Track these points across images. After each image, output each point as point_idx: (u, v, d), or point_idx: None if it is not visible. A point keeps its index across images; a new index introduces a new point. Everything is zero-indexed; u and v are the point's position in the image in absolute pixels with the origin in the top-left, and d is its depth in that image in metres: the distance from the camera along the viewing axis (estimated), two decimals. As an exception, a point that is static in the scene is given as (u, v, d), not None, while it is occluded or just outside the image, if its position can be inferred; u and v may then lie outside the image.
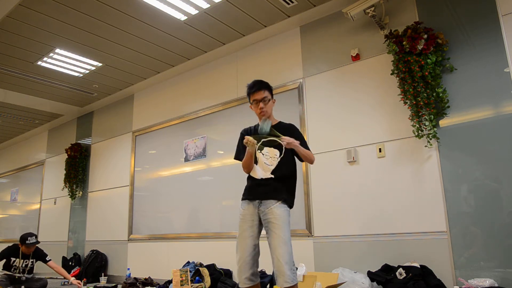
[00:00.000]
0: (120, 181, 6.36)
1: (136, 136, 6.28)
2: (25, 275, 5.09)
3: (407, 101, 3.44)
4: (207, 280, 4.23)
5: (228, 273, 4.46)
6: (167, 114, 5.84)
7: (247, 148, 2.65)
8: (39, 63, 5.39)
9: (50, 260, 5.40)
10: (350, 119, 3.95)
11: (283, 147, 2.70)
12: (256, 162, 2.76)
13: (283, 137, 2.59)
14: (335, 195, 3.91)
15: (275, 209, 2.58)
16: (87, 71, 5.72)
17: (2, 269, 5.15)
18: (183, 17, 4.36)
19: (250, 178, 2.78)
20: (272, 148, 2.73)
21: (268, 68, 4.75)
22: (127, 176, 6.24)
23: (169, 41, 4.87)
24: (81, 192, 7.10)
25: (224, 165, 5.02)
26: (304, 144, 2.71)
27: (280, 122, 2.87)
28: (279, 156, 2.71)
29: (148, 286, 4.89)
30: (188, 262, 4.66)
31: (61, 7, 4.11)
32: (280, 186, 2.65)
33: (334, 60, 4.18)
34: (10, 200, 9.40)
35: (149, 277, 5.15)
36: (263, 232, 2.64)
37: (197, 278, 4.30)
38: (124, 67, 5.62)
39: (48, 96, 6.66)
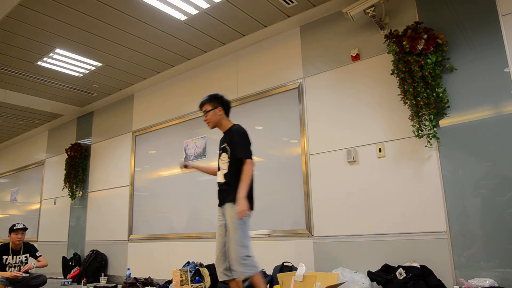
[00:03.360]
0: (120, 181, 6.35)
1: (136, 136, 6.28)
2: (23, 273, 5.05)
3: (407, 101, 3.44)
4: (207, 280, 4.23)
5: (228, 273, 4.45)
6: (167, 114, 5.84)
7: None
8: (39, 63, 5.39)
9: (40, 255, 5.39)
10: (350, 119, 3.95)
11: (229, 151, 3.04)
12: (218, 168, 3.15)
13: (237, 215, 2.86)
14: (335, 195, 3.91)
15: (228, 210, 2.93)
16: (87, 71, 5.72)
17: None
18: (183, 17, 4.36)
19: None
20: (224, 153, 3.10)
21: (268, 68, 4.75)
22: (127, 176, 6.24)
23: (169, 41, 4.87)
24: (81, 192, 7.10)
25: (224, 165, 5.02)
26: (238, 147, 2.99)
27: (231, 126, 3.18)
28: (228, 159, 3.04)
29: (148, 286, 4.89)
30: (188, 262, 4.66)
31: (61, 7, 4.11)
32: (230, 189, 2.95)
33: (334, 60, 4.18)
34: (10, 200, 9.40)
35: (149, 277, 5.14)
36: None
37: (197, 278, 4.29)
38: (124, 67, 5.62)
39: (48, 96, 6.66)
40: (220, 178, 3.08)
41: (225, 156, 3.07)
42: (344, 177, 3.89)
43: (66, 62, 5.40)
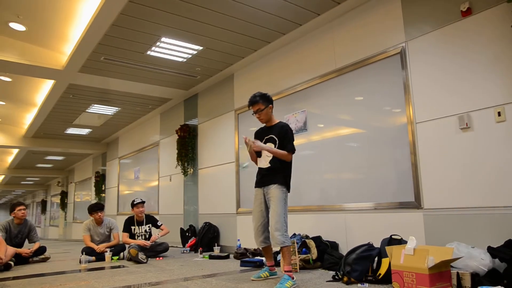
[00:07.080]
0: (226, 158, 6.71)
1: (238, 114, 6.53)
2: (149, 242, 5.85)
3: (532, 56, 3.02)
4: (314, 251, 4.31)
5: (334, 245, 4.48)
6: (266, 91, 5.82)
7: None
8: (148, 52, 5.85)
9: (162, 224, 6.24)
10: (461, 82, 3.60)
11: (276, 141, 3.60)
12: (260, 155, 3.70)
13: (253, 142, 3.58)
14: (447, 166, 3.64)
15: (274, 190, 3.50)
16: (190, 56, 6.06)
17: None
18: (276, -8, 4.34)
19: (258, 168, 3.73)
20: (270, 143, 3.65)
21: (366, 35, 4.51)
22: (232, 153, 6.56)
23: (263, 17, 4.90)
24: (192, 169, 7.67)
25: (324, 139, 4.99)
26: (287, 141, 3.57)
27: (278, 122, 3.75)
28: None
29: (257, 256, 5.15)
30: (294, 234, 4.78)
31: (164, -2, 4.39)
32: (276, 174, 3.56)
33: (440, 18, 3.81)
34: (134, 178, 10.58)
35: (259, 248, 5.39)
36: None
37: (304, 249, 4.40)
38: (223, 48, 5.82)
39: (157, 82, 7.24)
40: (264, 164, 3.63)
41: (272, 145, 3.61)
42: (456, 146, 3.59)
43: (171, 49, 5.78)
